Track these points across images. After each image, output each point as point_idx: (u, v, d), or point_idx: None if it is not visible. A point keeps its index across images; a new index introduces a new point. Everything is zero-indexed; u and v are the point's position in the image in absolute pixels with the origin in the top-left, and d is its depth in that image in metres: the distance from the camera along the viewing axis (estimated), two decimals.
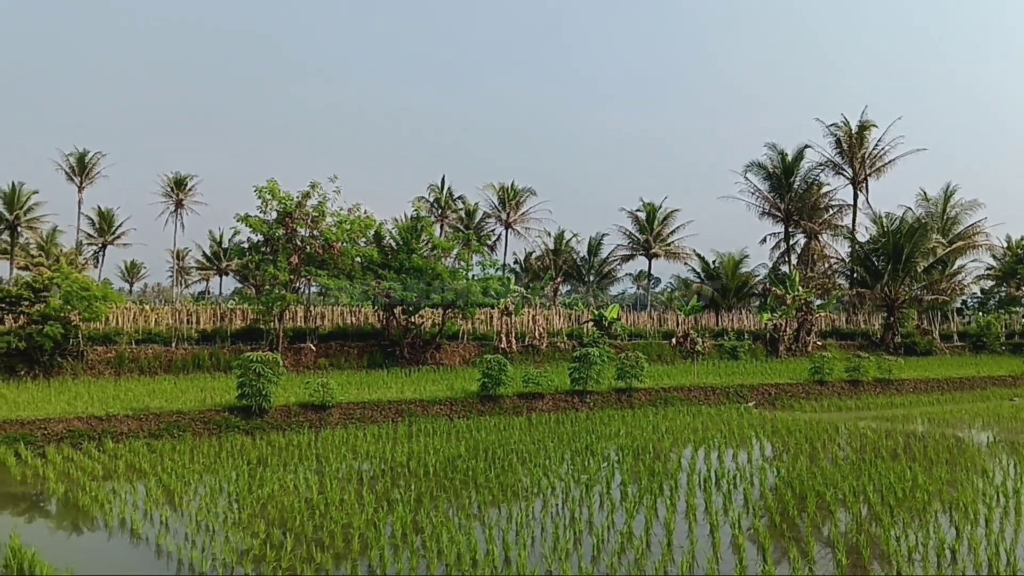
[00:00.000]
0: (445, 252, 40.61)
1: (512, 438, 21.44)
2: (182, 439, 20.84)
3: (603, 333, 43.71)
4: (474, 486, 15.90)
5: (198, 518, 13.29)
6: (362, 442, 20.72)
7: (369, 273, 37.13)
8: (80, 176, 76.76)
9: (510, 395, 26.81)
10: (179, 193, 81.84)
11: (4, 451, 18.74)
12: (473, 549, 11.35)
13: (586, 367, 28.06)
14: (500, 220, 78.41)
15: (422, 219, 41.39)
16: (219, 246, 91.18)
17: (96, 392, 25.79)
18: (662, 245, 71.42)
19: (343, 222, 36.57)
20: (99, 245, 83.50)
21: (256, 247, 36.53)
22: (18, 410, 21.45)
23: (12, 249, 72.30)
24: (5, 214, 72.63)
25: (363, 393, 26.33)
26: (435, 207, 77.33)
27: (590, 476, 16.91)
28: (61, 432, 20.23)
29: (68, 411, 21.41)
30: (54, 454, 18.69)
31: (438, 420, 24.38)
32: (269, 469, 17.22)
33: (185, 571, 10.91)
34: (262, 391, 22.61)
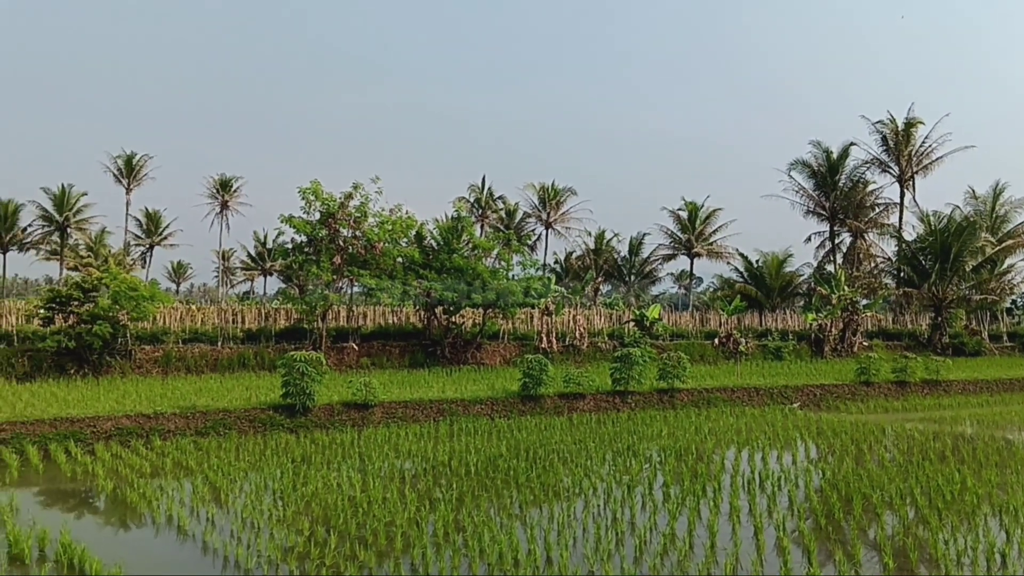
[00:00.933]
0: (486, 252, 40.66)
1: (553, 438, 21.45)
2: (228, 437, 21.15)
3: (644, 333, 43.47)
4: (515, 486, 15.93)
5: (244, 515, 13.49)
6: (404, 441, 20.87)
7: (410, 273, 37.33)
8: (128, 178, 78.17)
9: (551, 395, 26.80)
10: (224, 195, 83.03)
11: (55, 448, 19.17)
12: (515, 549, 11.38)
13: (627, 367, 27.94)
14: (540, 220, 78.36)
15: (463, 219, 41.49)
16: (263, 247, 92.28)
17: (144, 390, 26.26)
18: (704, 244, 70.84)
19: (385, 222, 36.81)
20: (146, 246, 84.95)
21: (300, 247, 36.92)
22: (68, 408, 21.92)
23: (62, 250, 73.78)
24: (55, 216, 74.16)
25: (405, 392, 26.51)
26: (476, 207, 77.52)
27: (632, 477, 16.86)
28: (110, 430, 20.63)
29: (117, 409, 21.83)
30: (103, 451, 19.07)
31: (479, 419, 24.46)
32: (313, 467, 17.42)
33: (231, 568, 11.08)
34: (306, 390, 22.85)
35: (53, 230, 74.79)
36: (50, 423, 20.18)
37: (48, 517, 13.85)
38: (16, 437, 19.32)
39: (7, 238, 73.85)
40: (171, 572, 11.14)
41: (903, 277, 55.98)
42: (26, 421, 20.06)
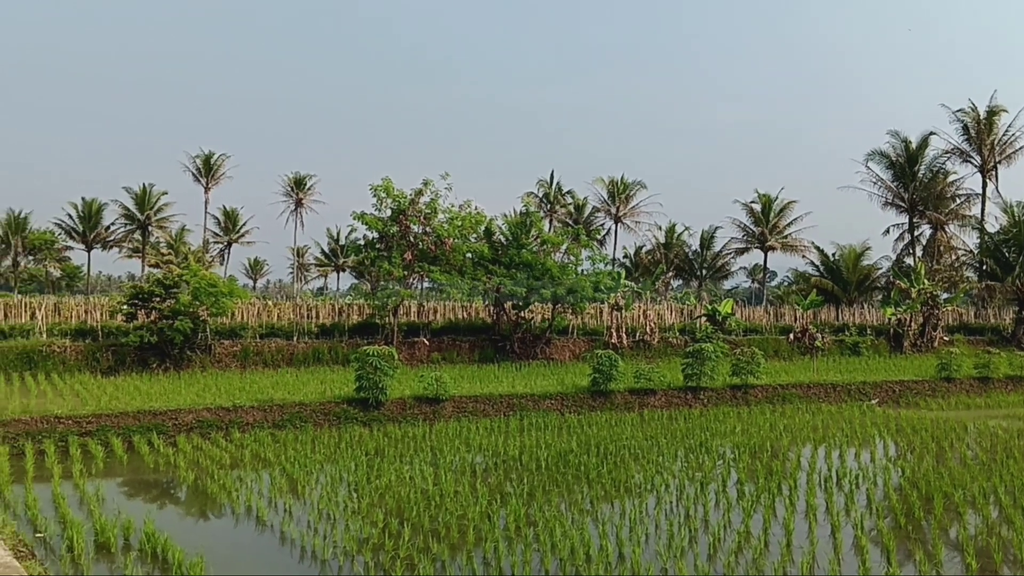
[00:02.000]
0: (554, 247, 40.66)
1: (624, 434, 21.34)
2: (304, 430, 21.58)
3: (717, 328, 42.92)
4: (586, 481, 15.91)
5: (320, 507, 13.76)
6: (475, 435, 21.01)
7: (480, 269, 37.53)
8: (206, 177, 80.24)
9: (621, 391, 26.66)
10: (299, 192, 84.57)
11: (138, 440, 19.80)
12: (587, 544, 11.36)
13: (699, 363, 27.62)
14: (609, 214, 77.97)
15: (531, 214, 41.56)
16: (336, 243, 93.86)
17: (223, 384, 26.96)
18: (778, 237, 69.53)
19: (455, 218, 37.08)
20: (224, 243, 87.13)
21: (371, 244, 37.44)
22: (151, 401, 22.63)
23: (144, 248, 76.20)
24: (137, 214, 76.52)
25: (475, 387, 26.69)
26: (544, 202, 77.51)
27: (705, 474, 16.69)
28: (191, 422, 21.23)
29: (197, 402, 22.46)
30: (184, 443, 19.64)
31: (549, 415, 24.47)
32: (386, 460, 17.66)
33: (308, 559, 11.32)
34: (379, 384, 23.17)
35: (135, 228, 77.20)
36: (134, 416, 20.83)
37: (132, 507, 14.34)
38: (102, 429, 20.00)
39: (92, 236, 76.50)
40: (250, 562, 11.41)
41: (985, 270, 54.11)
42: (111, 414, 20.74)
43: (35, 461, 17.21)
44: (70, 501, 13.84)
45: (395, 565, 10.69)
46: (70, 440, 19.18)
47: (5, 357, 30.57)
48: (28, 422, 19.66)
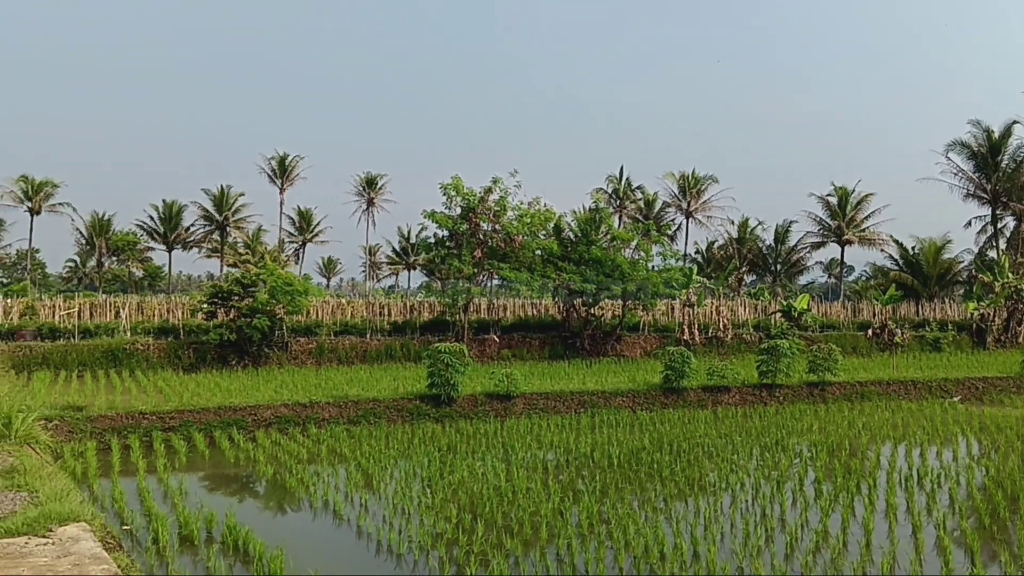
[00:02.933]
0: (624, 243, 40.42)
1: (697, 431, 21.11)
2: (378, 425, 21.88)
3: (792, 324, 42.15)
4: (659, 479, 15.79)
5: (394, 501, 13.94)
6: (546, 432, 21.02)
7: (549, 265, 37.54)
8: (281, 178, 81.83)
9: (694, 388, 26.37)
10: (370, 192, 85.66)
11: (219, 435, 20.33)
12: (661, 542, 11.28)
13: (775, 359, 27.14)
14: (681, 209, 77.01)
15: (601, 210, 41.42)
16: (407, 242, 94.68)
17: (299, 380, 27.51)
18: (855, 231, 67.77)
19: (524, 216, 37.14)
20: (299, 243, 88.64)
21: (442, 242, 37.74)
22: (231, 397, 23.20)
23: (222, 248, 78.04)
24: (215, 215, 78.43)
25: (545, 384, 26.69)
26: (613, 198, 77.00)
27: (781, 472, 16.40)
28: (269, 418, 21.71)
29: (275, 398, 22.95)
30: (263, 438, 20.10)
31: (620, 412, 24.33)
32: (458, 456, 17.79)
33: (384, 552, 11.48)
34: (450, 380, 23.36)
35: (213, 229, 79.12)
36: (214, 411, 21.41)
37: (214, 500, 14.73)
38: (184, 425, 20.60)
39: (172, 237, 78.69)
40: (328, 555, 11.61)
41: None
42: (193, 409, 21.35)
43: (121, 456, 17.81)
44: (155, 494, 14.27)
45: (469, 560, 10.77)
46: (154, 435, 19.80)
47: (92, 355, 31.73)
48: (114, 418, 20.34)
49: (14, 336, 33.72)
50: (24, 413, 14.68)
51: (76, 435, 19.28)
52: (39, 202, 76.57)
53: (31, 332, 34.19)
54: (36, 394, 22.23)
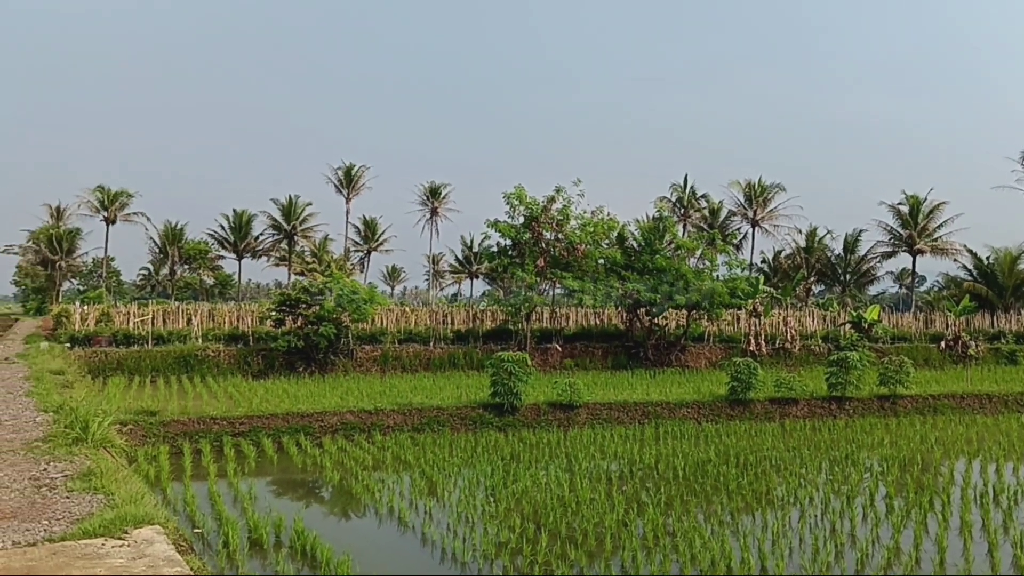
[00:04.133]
0: (689, 252, 40.00)
1: (764, 444, 20.77)
2: (441, 433, 22.00)
3: (862, 336, 41.17)
4: (725, 492, 15.57)
5: (458, 509, 13.99)
6: (609, 442, 20.89)
7: (612, 275, 37.34)
8: (347, 188, 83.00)
9: (761, 400, 25.94)
10: (434, 201, 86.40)
11: (287, 441, 20.65)
12: (727, 556, 11.11)
13: (844, 372, 26.54)
14: (746, 218, 75.91)
15: (665, 219, 41.03)
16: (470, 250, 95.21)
17: (365, 388, 27.82)
18: (927, 240, 66.02)
19: (587, 224, 37.00)
20: (364, 251, 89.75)
21: (504, 251, 37.84)
22: (298, 404, 23.57)
23: (290, 256, 79.46)
24: (283, 224, 79.88)
25: (608, 394, 26.54)
26: (677, 207, 76.29)
27: (851, 487, 16.05)
28: (335, 424, 21.98)
29: (341, 405, 23.24)
30: (330, 444, 20.35)
31: (685, 423, 24.05)
32: (521, 465, 17.79)
33: (448, 560, 11.52)
34: (513, 389, 23.37)
35: (282, 238, 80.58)
36: (283, 417, 21.76)
37: (282, 505, 14.96)
38: (253, 430, 20.99)
39: (242, 246, 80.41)
40: (394, 562, 11.71)
41: None
42: (262, 415, 21.74)
43: (192, 460, 18.21)
44: (225, 498, 14.56)
45: (533, 570, 10.75)
46: (224, 440, 20.21)
47: (164, 360, 32.56)
48: (186, 423, 20.83)
49: (91, 342, 34.80)
50: (100, 418, 15.11)
51: (149, 439, 19.78)
52: (115, 212, 79.03)
53: (107, 338, 35.25)
54: (111, 399, 22.87)
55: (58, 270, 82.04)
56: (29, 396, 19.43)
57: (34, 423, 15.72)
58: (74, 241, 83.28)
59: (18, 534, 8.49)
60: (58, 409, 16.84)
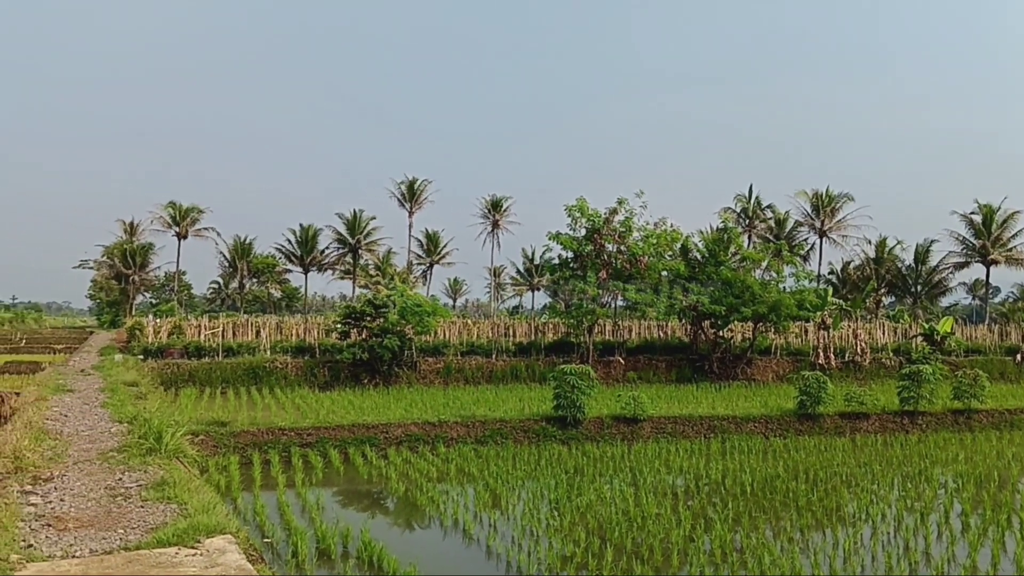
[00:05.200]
0: (755, 263, 39.43)
1: (834, 460, 20.32)
2: (504, 446, 22.00)
3: (934, 349, 40.08)
4: (795, 508, 15.26)
5: (522, 522, 13.97)
6: (675, 457, 20.66)
7: (676, 287, 36.99)
8: (410, 202, 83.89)
9: (830, 414, 25.40)
10: (495, 214, 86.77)
11: (353, 452, 20.87)
12: (797, 573, 10.90)
13: (917, 385, 25.85)
14: (814, 228, 74.53)
15: (729, 230, 40.54)
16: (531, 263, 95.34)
17: (428, 399, 28.01)
18: (1002, 251, 64.02)
19: (649, 236, 36.76)
20: (427, 264, 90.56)
21: (566, 263, 37.79)
22: (363, 415, 23.82)
23: (354, 270, 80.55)
24: (348, 238, 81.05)
25: (673, 407, 26.25)
26: (742, 217, 75.30)
27: (925, 504, 15.60)
28: (400, 436, 22.16)
29: (405, 417, 23.43)
30: (394, 456, 20.51)
31: (752, 438, 23.67)
32: (585, 479, 17.69)
33: (513, 572, 11.50)
34: (576, 402, 23.27)
35: (346, 251, 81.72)
36: (349, 428, 22.00)
37: (348, 515, 15.12)
38: (321, 441, 21.27)
39: (308, 259, 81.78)
40: (459, 573, 11.72)
41: None
42: (328, 426, 22.02)
43: (261, 470, 18.51)
44: (293, 508, 14.77)
45: None
46: (292, 451, 20.52)
47: (234, 372, 33.24)
48: (255, 433, 21.20)
49: (163, 354, 35.72)
50: (173, 428, 15.49)
51: (220, 449, 20.18)
52: (186, 227, 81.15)
53: (179, 350, 36.14)
54: (183, 409, 23.44)
55: (132, 284, 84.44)
56: (104, 407, 20.02)
57: (109, 434, 16.18)
58: (147, 255, 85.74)
59: (95, 542, 8.74)
60: (132, 420, 17.32)
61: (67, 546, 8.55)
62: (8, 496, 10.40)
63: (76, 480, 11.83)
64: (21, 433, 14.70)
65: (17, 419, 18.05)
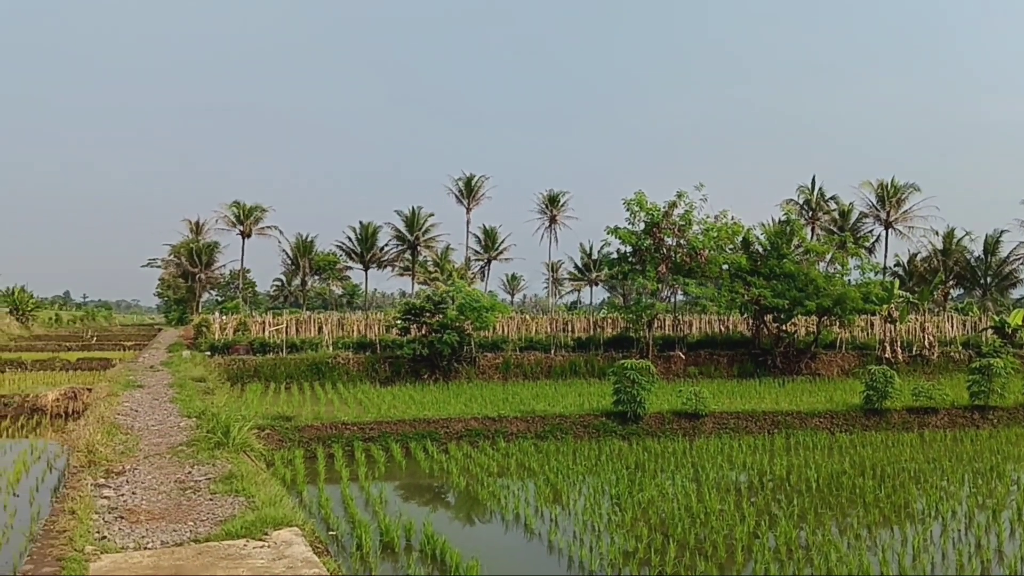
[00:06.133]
0: (819, 256, 38.76)
1: (902, 456, 19.89)
2: (564, 441, 21.98)
3: (1005, 342, 38.92)
4: (862, 505, 14.98)
5: (584, 517, 13.95)
6: (737, 453, 20.42)
7: (737, 280, 36.51)
8: (467, 198, 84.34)
9: (898, 409, 24.84)
10: (553, 209, 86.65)
11: (415, 447, 21.07)
12: (865, 571, 10.70)
13: (987, 379, 25.13)
14: (879, 220, 72.90)
15: (792, 222, 39.91)
16: (589, 258, 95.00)
17: (487, 394, 28.12)
18: None
19: (710, 229, 36.34)
20: (484, 260, 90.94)
21: (625, 257, 37.55)
22: (424, 410, 24.02)
23: (413, 266, 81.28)
24: (407, 235, 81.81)
25: (735, 403, 25.96)
26: (805, 209, 73.99)
27: (997, 501, 15.20)
28: (460, 431, 22.29)
29: (465, 412, 23.55)
30: (455, 450, 20.64)
31: (818, 433, 23.28)
32: (647, 475, 17.59)
33: (576, 568, 11.50)
34: (637, 397, 23.12)
35: (405, 248, 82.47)
36: (410, 423, 22.22)
37: (410, 509, 15.27)
38: (383, 435, 21.52)
39: (368, 256, 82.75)
40: (522, 568, 11.76)
41: None
42: (390, 421, 22.26)
43: (325, 464, 18.79)
44: (357, 502, 14.96)
45: None
46: (355, 445, 20.80)
47: (298, 368, 33.82)
48: (319, 428, 21.54)
49: (229, 350, 36.49)
50: (239, 423, 15.84)
51: (285, 444, 20.55)
52: (250, 226, 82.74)
53: (244, 347, 36.89)
54: (249, 404, 23.91)
55: (198, 282, 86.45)
56: (173, 402, 20.56)
57: (178, 428, 16.61)
58: (212, 254, 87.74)
59: (166, 534, 8.99)
60: (200, 415, 17.75)
61: (139, 538, 8.80)
62: (83, 489, 10.76)
63: (147, 473, 12.17)
64: (94, 428, 15.19)
65: (90, 414, 18.67)
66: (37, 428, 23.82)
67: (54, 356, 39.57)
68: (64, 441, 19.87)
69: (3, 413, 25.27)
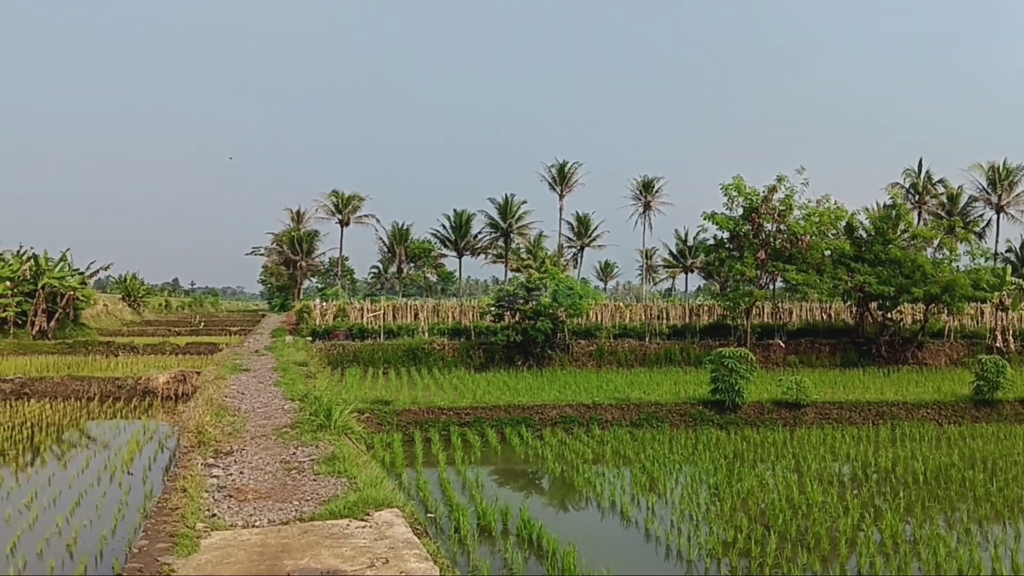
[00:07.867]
0: (926, 241, 37.32)
1: (1015, 448, 19.05)
2: (660, 429, 21.79)
3: None
4: (972, 499, 14.43)
5: (681, 507, 13.83)
6: (840, 444, 19.89)
7: (840, 267, 35.41)
8: (560, 185, 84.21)
9: (1010, 400, 23.79)
10: (647, 195, 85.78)
11: (509, 432, 21.21)
12: (976, 567, 10.32)
13: None
14: (990, 203, 69.80)
15: (898, 206, 38.56)
16: (684, 244, 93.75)
17: (581, 382, 28.07)
18: None
19: (811, 215, 35.33)
20: (577, 247, 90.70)
21: (722, 244, 36.90)
22: (518, 396, 24.15)
23: (506, 253, 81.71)
24: (500, 222, 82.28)
25: (838, 393, 25.27)
26: (911, 193, 71.36)
27: None
28: (555, 417, 22.34)
29: (559, 398, 23.58)
30: (550, 436, 20.70)
31: (924, 424, 22.48)
32: (746, 465, 17.30)
33: (673, 557, 11.42)
34: (735, 386, 22.74)
35: (499, 236, 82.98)
36: (504, 409, 22.37)
37: (506, 494, 15.41)
38: (478, 421, 21.74)
39: (462, 244, 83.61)
40: (618, 556, 11.73)
41: None
42: (485, 406, 22.46)
43: (423, 447, 19.13)
44: (454, 485, 15.16)
45: (763, 571, 10.44)
46: (452, 429, 21.07)
47: (395, 353, 34.47)
48: (416, 412, 21.90)
49: (330, 336, 37.45)
50: (341, 406, 16.24)
51: (384, 427, 20.96)
52: (348, 214, 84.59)
53: (343, 332, 37.79)
54: (349, 388, 24.49)
55: (299, 269, 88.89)
56: (277, 386, 21.20)
57: (282, 411, 17.13)
58: (313, 242, 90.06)
59: (273, 513, 9.29)
60: (303, 398, 18.27)
61: (247, 516, 9.12)
62: (193, 468, 11.21)
63: (253, 454, 12.60)
64: (203, 409, 15.80)
65: (198, 396, 19.43)
66: (149, 409, 24.92)
67: (164, 341, 41.23)
68: (174, 422, 20.73)
69: (117, 395, 26.57)
